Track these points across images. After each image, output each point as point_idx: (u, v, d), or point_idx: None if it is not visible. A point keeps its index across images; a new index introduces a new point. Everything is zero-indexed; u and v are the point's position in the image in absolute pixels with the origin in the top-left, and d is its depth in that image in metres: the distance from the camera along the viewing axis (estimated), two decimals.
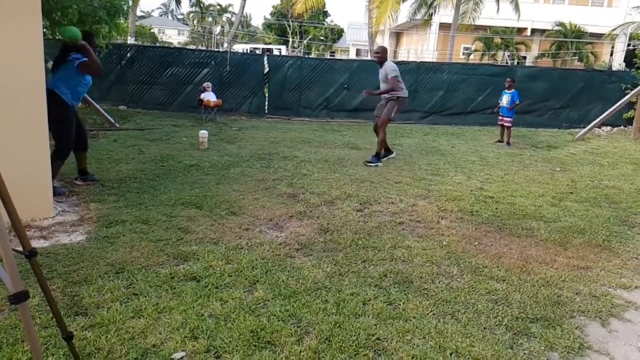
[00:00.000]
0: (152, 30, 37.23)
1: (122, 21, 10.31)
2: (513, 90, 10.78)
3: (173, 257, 3.73)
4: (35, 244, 3.84)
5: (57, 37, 10.37)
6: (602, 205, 5.89)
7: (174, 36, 55.31)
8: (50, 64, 5.79)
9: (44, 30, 7.15)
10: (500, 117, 10.91)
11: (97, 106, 10.22)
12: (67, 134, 5.26)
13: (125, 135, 9.08)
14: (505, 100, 10.77)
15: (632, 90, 12.86)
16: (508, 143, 10.60)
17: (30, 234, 4.03)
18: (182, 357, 2.50)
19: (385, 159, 7.99)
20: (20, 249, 1.76)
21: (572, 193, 6.43)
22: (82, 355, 2.44)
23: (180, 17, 67.10)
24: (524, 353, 2.72)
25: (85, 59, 5.11)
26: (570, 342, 2.85)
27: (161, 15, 67.63)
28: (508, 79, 10.97)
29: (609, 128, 13.77)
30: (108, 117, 10.11)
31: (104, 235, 4.08)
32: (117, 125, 10.00)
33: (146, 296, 3.09)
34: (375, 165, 7.52)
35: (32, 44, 4.18)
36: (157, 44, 30.26)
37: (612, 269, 4.00)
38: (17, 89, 4.15)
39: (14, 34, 4.08)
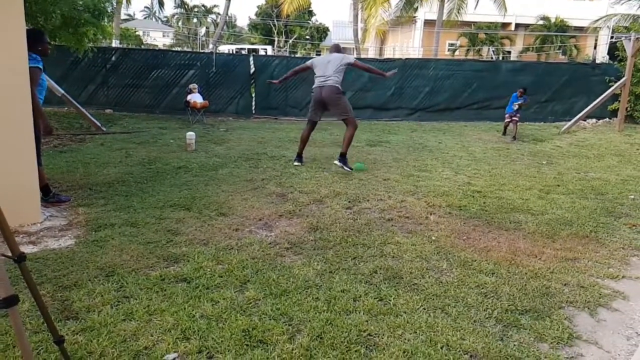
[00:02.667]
0: (136, 33, 36.94)
1: (106, 24, 10.24)
2: (524, 96, 11.12)
3: (163, 259, 3.72)
4: (24, 249, 3.80)
5: None
6: (588, 197, 5.96)
7: (158, 38, 54.90)
8: None
9: None
10: (508, 115, 11.22)
11: (83, 110, 10.15)
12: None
13: (112, 139, 9.02)
14: (516, 104, 11.09)
15: (615, 82, 13.03)
16: (514, 138, 10.86)
17: (18, 239, 3.99)
18: (174, 359, 2.50)
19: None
20: (9, 253, 1.75)
21: (559, 186, 6.50)
22: (74, 359, 2.43)
23: (164, 19, 66.72)
24: (514, 345, 2.75)
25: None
26: (559, 333, 2.88)
27: (145, 18, 67.16)
28: (520, 89, 11.22)
29: (594, 120, 13.93)
30: (94, 120, 10.03)
31: (93, 239, 4.05)
32: (104, 129, 9.93)
33: (137, 299, 3.08)
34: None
35: (16, 49, 4.14)
36: (142, 47, 30.04)
37: (600, 259, 4.06)
38: (1, 93, 4.10)
39: None
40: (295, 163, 7.30)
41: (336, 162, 7.21)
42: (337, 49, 7.63)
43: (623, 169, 7.76)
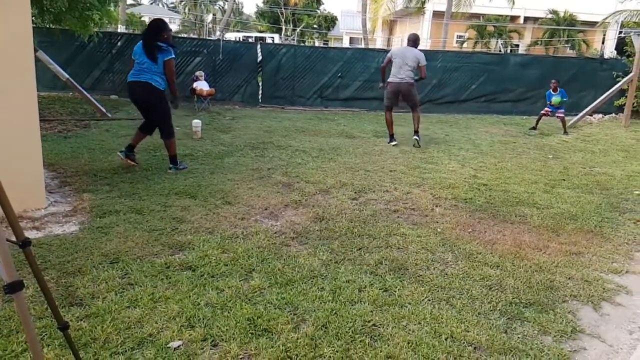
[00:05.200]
0: (142, 19, 36.82)
1: (112, 8, 10.20)
2: (561, 90, 11.03)
3: (168, 246, 3.72)
4: (28, 234, 3.81)
5: (46, 26, 10.26)
6: (593, 192, 5.93)
7: None
8: (40, 52, 5.75)
9: (33, 18, 7.06)
10: (546, 111, 11.24)
11: (88, 96, 10.13)
12: None
13: (117, 125, 9.02)
14: (554, 100, 11.00)
15: (623, 77, 12.91)
16: (565, 132, 10.92)
17: (22, 225, 4.00)
18: (178, 346, 2.51)
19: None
20: (14, 238, 1.74)
21: (564, 180, 6.47)
22: (78, 345, 2.44)
23: (171, 5, 66.45)
24: (518, 337, 2.75)
25: None
26: (563, 326, 2.88)
27: (151, 4, 66.91)
28: (553, 81, 11.13)
29: (600, 115, 13.83)
30: (99, 106, 10.02)
31: (97, 226, 4.06)
32: (109, 115, 9.92)
33: (141, 286, 3.09)
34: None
35: (21, 33, 4.12)
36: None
37: (604, 254, 4.04)
38: (6, 79, 4.09)
39: (2, 23, 4.01)
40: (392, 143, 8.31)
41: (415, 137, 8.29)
42: (414, 42, 8.33)
43: (629, 165, 7.71)
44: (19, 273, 2.97)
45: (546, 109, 11.21)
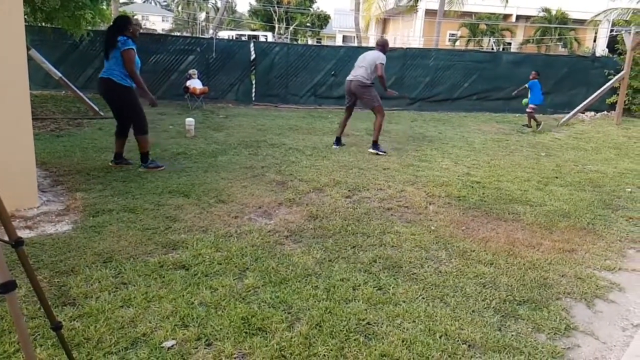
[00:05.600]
0: (135, 17, 36.69)
1: (104, 7, 10.14)
2: (536, 83, 11.09)
3: (161, 245, 3.70)
4: (20, 234, 3.77)
5: (39, 24, 10.19)
6: (586, 189, 5.96)
7: (157, 23, 54.46)
8: (32, 51, 5.71)
9: (25, 16, 6.99)
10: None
11: (81, 94, 10.06)
12: None
13: (110, 124, 8.93)
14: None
15: (615, 75, 13.01)
16: (529, 125, 11.11)
17: (14, 224, 3.97)
18: (172, 346, 2.50)
19: None
20: (6, 238, 1.73)
21: (557, 177, 6.50)
22: (71, 345, 2.43)
23: (164, 3, 66.14)
24: (512, 335, 2.76)
25: None
26: (556, 324, 2.90)
27: (144, 2, 66.56)
28: (533, 72, 11.23)
29: (592, 113, 13.91)
30: (92, 105, 9.96)
31: (90, 225, 4.03)
32: (102, 114, 9.85)
33: (135, 285, 3.07)
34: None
35: (14, 30, 4.09)
36: (141, 31, 29.83)
37: (597, 251, 4.07)
38: None
39: None
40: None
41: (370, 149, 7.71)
42: (382, 46, 7.99)
43: (620, 162, 7.76)
44: (11, 273, 2.95)
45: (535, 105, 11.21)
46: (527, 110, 11.23)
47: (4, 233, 1.75)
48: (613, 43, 15.78)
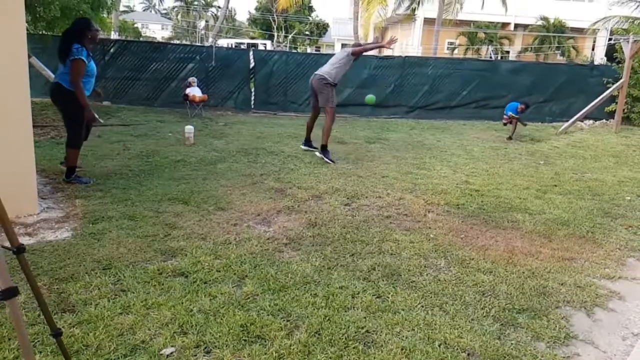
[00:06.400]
0: (135, 25, 36.83)
1: (105, 15, 10.20)
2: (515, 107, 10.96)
3: (161, 252, 3.70)
4: (20, 240, 3.76)
5: (39, 32, 10.23)
6: (585, 198, 5.97)
7: (157, 31, 54.72)
8: (33, 58, 5.72)
9: (26, 24, 7.02)
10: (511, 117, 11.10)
11: None
12: None
13: (109, 131, 8.98)
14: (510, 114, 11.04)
15: (613, 84, 13.04)
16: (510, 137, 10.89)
17: (14, 230, 3.97)
18: (171, 353, 2.49)
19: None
20: (8, 244, 1.73)
21: (556, 186, 6.51)
22: (71, 352, 2.42)
23: (163, 11, 66.49)
24: (511, 343, 2.76)
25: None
26: (556, 332, 2.90)
27: (144, 10, 66.89)
28: (522, 106, 10.97)
29: (591, 121, 13.94)
30: (91, 112, 9.96)
31: (90, 232, 4.04)
32: (101, 121, 9.86)
33: (134, 292, 3.07)
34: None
35: (15, 38, 4.11)
36: (141, 39, 29.91)
37: (596, 259, 4.07)
38: (0, 85, 4.08)
39: None
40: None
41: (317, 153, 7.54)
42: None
43: (619, 170, 7.78)
44: (12, 279, 2.95)
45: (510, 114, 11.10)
46: (503, 120, 11.23)
47: (5, 239, 1.75)
48: (611, 51, 15.84)
